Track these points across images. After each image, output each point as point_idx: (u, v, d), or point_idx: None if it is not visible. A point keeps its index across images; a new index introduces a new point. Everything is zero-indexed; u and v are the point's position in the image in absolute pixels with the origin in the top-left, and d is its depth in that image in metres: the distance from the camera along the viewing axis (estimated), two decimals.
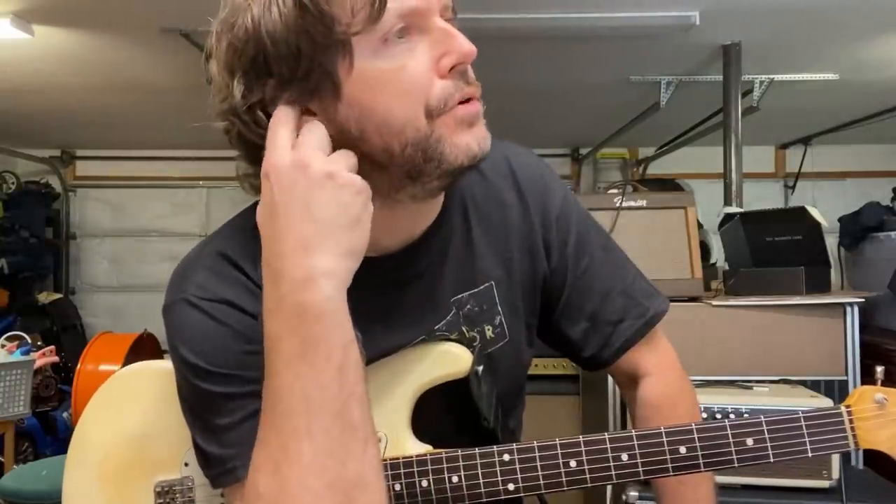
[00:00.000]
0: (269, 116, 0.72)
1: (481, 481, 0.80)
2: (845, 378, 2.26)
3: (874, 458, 2.07)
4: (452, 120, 0.73)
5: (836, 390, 2.23)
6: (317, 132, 0.70)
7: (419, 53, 0.71)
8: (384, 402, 0.85)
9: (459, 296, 0.88)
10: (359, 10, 0.68)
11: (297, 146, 0.68)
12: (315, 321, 0.65)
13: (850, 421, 0.80)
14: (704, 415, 1.83)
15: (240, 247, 0.81)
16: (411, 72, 0.71)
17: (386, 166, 0.74)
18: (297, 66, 0.70)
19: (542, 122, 5.05)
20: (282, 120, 0.70)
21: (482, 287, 0.89)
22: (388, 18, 0.69)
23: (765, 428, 0.79)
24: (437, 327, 0.87)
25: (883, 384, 0.82)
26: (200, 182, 5.83)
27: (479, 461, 0.80)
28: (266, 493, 0.66)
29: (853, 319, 2.26)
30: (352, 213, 0.67)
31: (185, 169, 5.67)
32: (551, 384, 3.31)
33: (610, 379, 2.36)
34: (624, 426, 2.37)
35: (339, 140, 0.72)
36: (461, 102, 0.74)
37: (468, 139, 0.75)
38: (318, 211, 0.66)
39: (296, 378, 0.65)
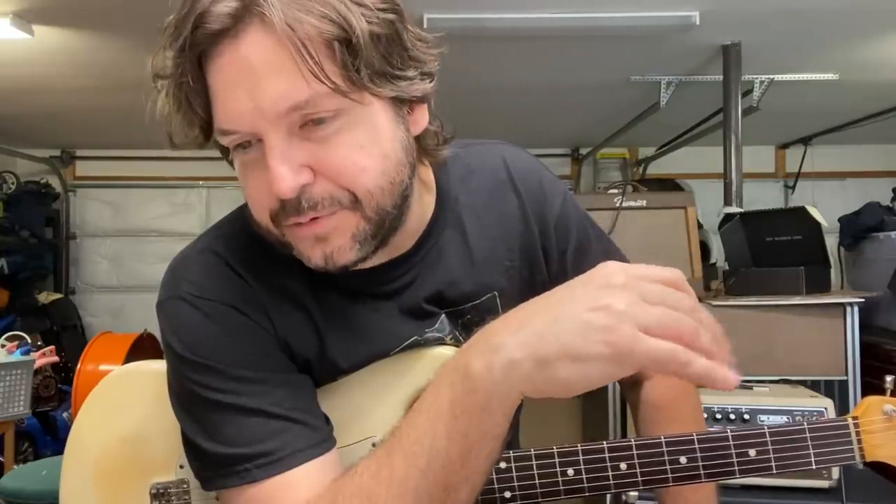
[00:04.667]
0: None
1: None
2: (845, 378, 2.25)
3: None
4: (293, 233, 0.72)
5: (836, 390, 2.23)
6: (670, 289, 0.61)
7: (257, 167, 0.70)
8: (379, 406, 0.84)
9: (460, 307, 0.87)
10: (188, 130, 0.71)
11: (634, 272, 0.61)
12: (470, 390, 0.62)
13: (857, 433, 0.77)
14: (705, 415, 1.83)
15: (233, 245, 0.81)
16: (248, 185, 0.73)
17: None
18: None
19: (542, 122, 5.04)
20: None
21: (485, 298, 0.88)
22: (218, 137, 0.71)
23: (768, 439, 0.77)
24: (427, 331, 0.86)
25: (893, 394, 0.80)
26: (200, 182, 5.83)
27: None
28: None
29: (853, 319, 2.26)
30: (579, 348, 0.58)
31: (185, 169, 5.66)
32: None
33: None
34: (624, 427, 2.37)
35: None
36: (302, 222, 0.71)
37: (311, 254, 0.73)
38: (561, 314, 0.60)
39: (425, 433, 0.64)
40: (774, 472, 0.77)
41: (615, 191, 2.51)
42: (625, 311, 0.57)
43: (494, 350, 0.61)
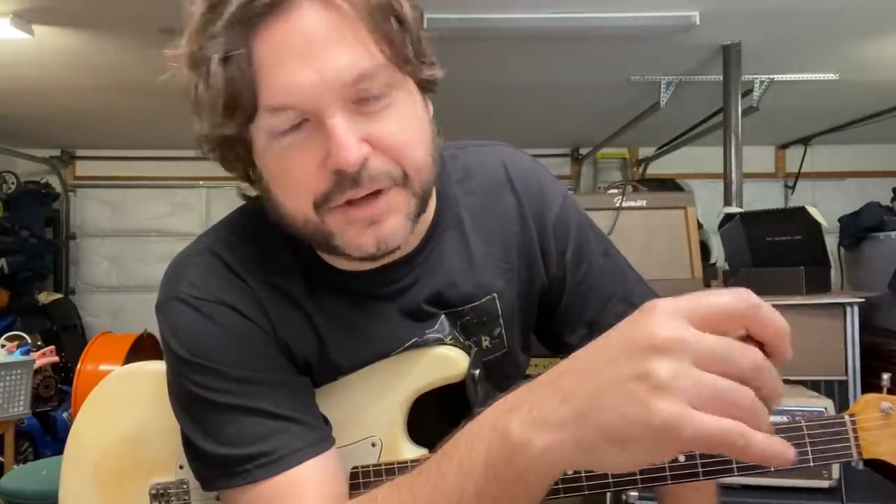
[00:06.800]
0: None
1: None
2: (845, 378, 2.26)
3: (874, 459, 2.06)
4: (344, 217, 0.70)
5: (836, 390, 2.23)
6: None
7: (306, 147, 0.68)
8: (379, 406, 0.84)
9: (459, 308, 0.87)
10: (231, 113, 0.67)
11: (687, 325, 0.48)
12: (507, 457, 0.55)
13: (854, 430, 0.77)
14: None
15: (233, 247, 0.81)
16: (292, 168, 0.69)
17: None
18: (217, 136, 0.70)
19: (542, 122, 5.04)
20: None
21: (484, 300, 0.88)
22: (263, 116, 0.67)
23: None
24: (427, 332, 0.86)
25: (890, 391, 0.80)
26: (200, 182, 5.83)
27: None
28: None
29: (853, 319, 2.26)
30: (617, 431, 0.48)
31: (185, 169, 5.66)
32: None
33: None
34: None
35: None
36: (355, 202, 0.69)
37: (360, 240, 0.71)
38: (601, 392, 0.50)
39: (454, 487, 0.59)
40: (772, 469, 0.77)
41: (615, 191, 2.51)
42: (669, 382, 0.46)
43: (536, 424, 0.53)
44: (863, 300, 2.28)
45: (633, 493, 1.87)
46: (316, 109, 0.66)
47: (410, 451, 0.84)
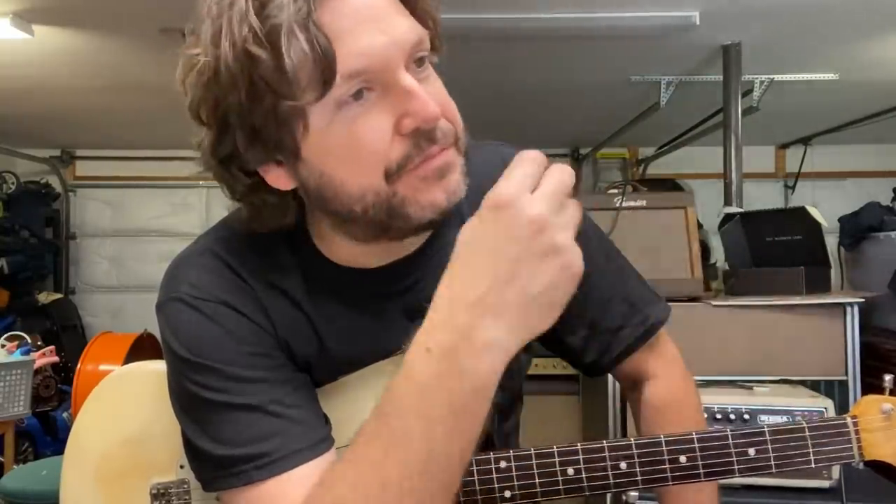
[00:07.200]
0: (245, 172, 0.72)
1: (477, 488, 0.79)
2: (845, 378, 2.26)
3: (875, 460, 2.06)
4: (416, 179, 0.70)
5: (836, 390, 2.23)
6: (562, 180, 0.64)
7: (376, 115, 0.68)
8: None
9: None
10: (306, 84, 0.65)
11: (538, 195, 0.63)
12: (472, 390, 0.62)
13: (856, 432, 0.78)
14: (705, 415, 1.83)
15: (233, 246, 0.81)
16: (366, 137, 0.68)
17: (353, 222, 0.74)
18: (254, 127, 0.68)
19: (542, 122, 5.04)
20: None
21: None
22: (338, 84, 0.66)
23: (768, 438, 0.78)
24: None
25: (891, 392, 0.80)
26: (200, 182, 5.81)
27: (475, 468, 0.79)
28: None
29: (853, 319, 2.26)
30: (555, 297, 0.63)
31: (185, 169, 5.62)
32: (551, 384, 3.31)
33: (610, 378, 2.36)
34: (624, 426, 2.37)
35: (305, 196, 0.75)
36: (434, 154, 0.70)
37: (434, 195, 0.71)
38: (528, 282, 0.61)
39: (424, 431, 0.62)
40: (774, 471, 0.77)
41: (615, 191, 2.51)
42: (568, 240, 0.62)
43: (489, 350, 0.62)
44: (863, 300, 2.28)
45: (633, 494, 1.87)
46: (389, 73, 0.67)
47: None
